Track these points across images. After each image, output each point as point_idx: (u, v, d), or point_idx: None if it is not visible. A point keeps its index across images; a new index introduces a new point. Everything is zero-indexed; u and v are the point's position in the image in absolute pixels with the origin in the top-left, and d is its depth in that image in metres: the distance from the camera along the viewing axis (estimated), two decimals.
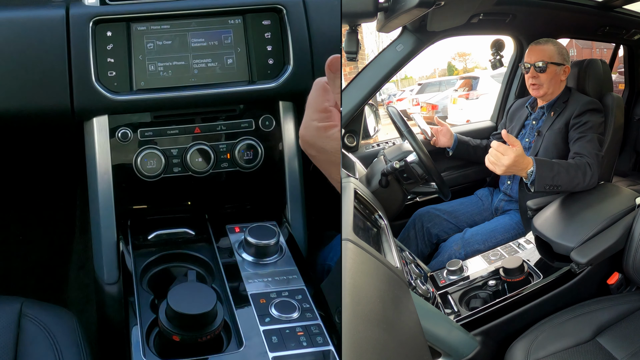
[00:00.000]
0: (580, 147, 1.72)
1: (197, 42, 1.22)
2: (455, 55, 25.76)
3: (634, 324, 1.32)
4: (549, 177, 1.60)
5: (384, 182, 1.73)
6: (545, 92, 1.87)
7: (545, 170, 1.60)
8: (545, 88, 1.86)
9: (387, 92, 13.15)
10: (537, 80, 1.86)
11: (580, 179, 1.63)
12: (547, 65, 1.83)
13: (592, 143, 1.71)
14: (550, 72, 1.85)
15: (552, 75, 1.85)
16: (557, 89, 1.88)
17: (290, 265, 1.11)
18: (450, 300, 1.52)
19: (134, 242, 1.19)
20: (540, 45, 1.88)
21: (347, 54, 1.38)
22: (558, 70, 1.86)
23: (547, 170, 1.60)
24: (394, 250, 1.24)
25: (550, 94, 1.88)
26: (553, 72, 1.85)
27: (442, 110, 9.59)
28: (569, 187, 1.65)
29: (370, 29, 11.34)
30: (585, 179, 1.64)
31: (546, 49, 1.86)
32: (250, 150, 1.25)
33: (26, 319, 1.08)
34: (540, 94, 1.89)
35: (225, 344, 0.95)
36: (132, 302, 1.02)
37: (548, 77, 1.85)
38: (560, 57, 1.86)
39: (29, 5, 1.22)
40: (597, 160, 1.68)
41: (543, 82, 1.86)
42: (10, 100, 1.18)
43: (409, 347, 0.91)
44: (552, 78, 1.86)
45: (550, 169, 1.61)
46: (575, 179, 1.63)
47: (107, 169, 1.21)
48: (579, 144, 1.73)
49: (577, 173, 1.63)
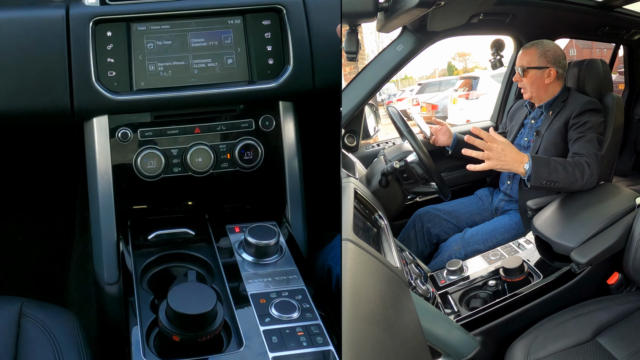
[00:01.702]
0: (579, 147, 1.72)
1: (197, 42, 1.22)
2: (455, 55, 25.79)
3: (634, 324, 1.32)
4: (545, 173, 1.60)
5: (384, 182, 1.73)
6: (530, 96, 1.90)
7: (542, 165, 1.60)
8: (529, 92, 1.89)
9: (387, 92, 13.15)
10: (522, 84, 1.90)
11: (578, 177, 1.63)
12: (525, 70, 1.86)
13: (591, 143, 1.71)
14: (531, 76, 1.86)
15: (533, 79, 1.86)
16: (542, 92, 1.89)
17: (290, 265, 1.11)
18: (450, 300, 1.52)
19: (134, 242, 1.19)
20: (525, 49, 1.90)
21: (347, 54, 1.38)
22: (539, 74, 1.86)
23: (544, 166, 1.60)
24: (394, 250, 1.24)
25: (536, 97, 1.90)
26: (533, 76, 1.86)
27: (442, 110, 9.60)
28: (567, 185, 1.65)
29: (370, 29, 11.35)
30: (584, 177, 1.64)
31: (528, 52, 1.87)
32: (250, 150, 1.25)
33: (26, 319, 1.08)
34: (527, 97, 1.92)
35: (225, 344, 0.95)
36: (132, 302, 1.02)
37: (529, 81, 1.87)
38: (544, 60, 1.85)
39: (29, 5, 1.22)
40: (596, 160, 1.68)
41: (525, 85, 1.89)
42: (11, 100, 1.18)
43: (408, 347, 0.91)
44: (534, 82, 1.87)
45: (547, 165, 1.61)
46: (573, 177, 1.63)
47: (107, 169, 1.21)
48: (578, 144, 1.73)
49: (575, 171, 1.63)
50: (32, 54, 1.17)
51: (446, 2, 1.35)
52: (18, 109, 1.19)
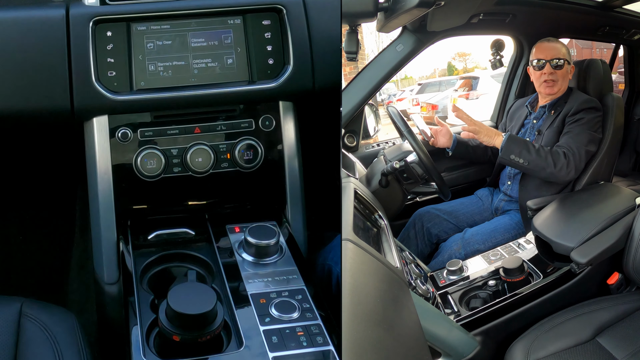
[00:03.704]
0: (563, 141, 1.77)
1: (197, 42, 1.22)
2: (455, 55, 25.78)
3: (634, 324, 1.32)
4: (516, 150, 1.69)
5: (384, 182, 1.73)
6: (558, 89, 1.90)
7: (515, 142, 1.70)
8: (560, 84, 1.90)
9: (387, 92, 13.15)
10: (554, 76, 1.88)
11: (549, 164, 1.68)
12: (564, 62, 1.87)
13: (579, 137, 1.75)
14: (565, 70, 1.89)
15: (566, 72, 1.90)
16: (566, 86, 1.93)
17: (290, 265, 1.11)
18: (450, 300, 1.52)
19: (134, 242, 1.19)
20: (552, 43, 1.92)
21: (347, 54, 1.38)
22: (569, 68, 1.90)
23: (516, 144, 1.70)
24: (394, 250, 1.24)
25: (561, 92, 1.92)
26: (566, 70, 1.89)
27: (442, 111, 9.59)
28: (537, 168, 1.71)
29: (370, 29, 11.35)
30: (557, 165, 1.68)
31: (559, 47, 1.90)
32: (250, 150, 1.25)
33: (26, 319, 1.08)
34: (554, 91, 1.91)
35: (225, 344, 0.95)
36: (132, 302, 1.02)
37: (563, 74, 1.89)
38: (569, 55, 1.91)
39: (29, 5, 1.22)
40: (577, 153, 1.72)
41: (559, 78, 1.89)
42: (11, 100, 1.18)
43: (409, 347, 0.91)
44: (565, 76, 1.90)
45: (520, 144, 1.70)
46: (545, 162, 1.69)
47: (107, 169, 1.21)
48: (565, 138, 1.78)
49: (548, 157, 1.69)
50: (32, 54, 1.17)
51: (446, 2, 1.35)
52: (18, 109, 1.19)
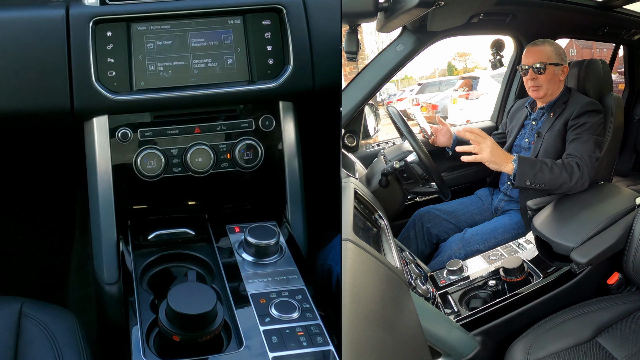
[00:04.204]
0: (573, 149, 1.72)
1: (197, 42, 1.22)
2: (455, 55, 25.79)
3: (634, 324, 1.32)
4: (530, 174, 1.61)
5: (384, 182, 1.73)
6: (545, 93, 1.86)
7: (527, 166, 1.61)
8: (545, 89, 1.85)
9: (387, 92, 13.16)
10: (536, 82, 1.85)
11: (565, 179, 1.63)
12: (546, 66, 1.83)
13: (587, 144, 1.71)
14: (549, 73, 1.84)
15: (551, 76, 1.84)
16: (556, 89, 1.88)
17: (290, 265, 1.11)
18: (450, 300, 1.52)
19: (134, 242, 1.19)
20: (537, 47, 1.87)
21: (347, 54, 1.38)
22: (557, 70, 1.85)
23: (529, 167, 1.61)
24: (394, 250, 1.24)
25: (550, 95, 1.88)
26: (552, 73, 1.84)
27: (442, 110, 9.60)
28: (554, 187, 1.65)
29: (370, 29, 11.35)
30: (572, 178, 1.64)
31: (544, 49, 1.85)
32: (250, 150, 1.25)
33: (26, 319, 1.08)
34: (540, 96, 1.87)
35: (225, 344, 0.95)
36: (132, 302, 1.02)
37: (547, 78, 1.84)
38: (558, 57, 1.85)
39: (29, 5, 1.22)
40: (589, 162, 1.67)
41: (542, 83, 1.85)
42: (10, 101, 1.18)
43: (409, 347, 0.91)
44: (551, 79, 1.85)
45: (532, 166, 1.62)
46: (560, 179, 1.63)
47: (107, 169, 1.21)
48: (573, 145, 1.73)
49: (563, 173, 1.63)
50: (32, 54, 1.17)
51: (446, 2, 1.35)
52: (18, 109, 1.19)
